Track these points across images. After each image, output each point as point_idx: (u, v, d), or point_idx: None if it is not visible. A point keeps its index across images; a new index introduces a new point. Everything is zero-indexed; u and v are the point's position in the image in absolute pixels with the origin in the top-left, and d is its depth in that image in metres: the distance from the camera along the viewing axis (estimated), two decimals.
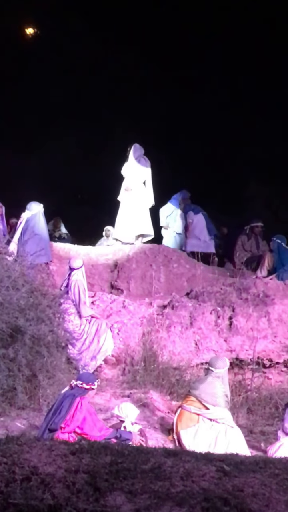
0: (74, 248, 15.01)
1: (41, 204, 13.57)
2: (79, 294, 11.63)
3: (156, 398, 10.77)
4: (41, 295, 10.56)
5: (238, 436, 9.41)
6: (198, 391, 9.53)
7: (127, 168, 15.66)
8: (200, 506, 5.17)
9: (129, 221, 15.43)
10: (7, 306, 9.48)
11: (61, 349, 10.59)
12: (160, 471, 5.61)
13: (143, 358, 11.53)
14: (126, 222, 15.44)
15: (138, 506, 5.13)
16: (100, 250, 15.14)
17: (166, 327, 12.06)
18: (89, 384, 8.43)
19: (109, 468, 5.57)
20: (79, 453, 5.80)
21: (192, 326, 12.11)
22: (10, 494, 5.17)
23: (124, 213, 15.46)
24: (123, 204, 15.55)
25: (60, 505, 5.11)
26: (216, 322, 12.17)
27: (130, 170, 15.64)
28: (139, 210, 15.50)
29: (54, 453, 5.72)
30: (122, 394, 10.88)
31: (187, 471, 5.64)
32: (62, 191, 20.85)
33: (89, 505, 5.12)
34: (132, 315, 12.36)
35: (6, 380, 9.14)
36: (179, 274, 14.46)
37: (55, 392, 9.57)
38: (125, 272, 14.29)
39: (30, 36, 26.09)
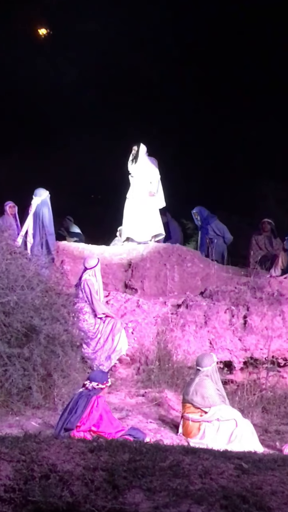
0: (88, 248, 15.01)
1: (46, 191, 13.95)
2: (90, 293, 11.64)
3: (170, 397, 10.76)
4: (56, 295, 10.56)
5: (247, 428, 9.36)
6: (190, 396, 9.46)
7: (138, 167, 15.60)
8: (218, 504, 5.16)
9: (143, 221, 15.39)
10: (22, 305, 9.48)
11: (76, 348, 10.59)
12: (179, 469, 5.60)
13: (157, 357, 11.51)
14: (140, 221, 15.40)
15: (156, 503, 5.13)
16: (114, 249, 15.13)
17: (180, 326, 12.04)
18: (104, 383, 8.45)
19: (127, 465, 5.57)
20: (97, 450, 5.80)
21: (206, 325, 12.08)
22: (29, 491, 5.18)
23: (137, 212, 15.40)
24: (135, 204, 15.47)
25: (79, 502, 5.11)
26: (231, 321, 12.13)
27: (141, 169, 15.59)
28: (152, 209, 15.48)
29: (72, 450, 5.73)
30: (136, 393, 10.87)
31: (205, 468, 5.63)
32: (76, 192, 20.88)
33: (108, 503, 5.12)
34: (146, 314, 12.35)
35: (21, 380, 9.15)
36: (193, 273, 14.44)
37: (70, 391, 9.58)
38: (139, 271, 14.28)
39: (42, 36, 26.11)
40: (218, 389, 9.64)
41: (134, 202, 15.46)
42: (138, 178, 15.57)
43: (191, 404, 9.44)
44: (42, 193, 14.04)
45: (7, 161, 22.65)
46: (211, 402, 9.40)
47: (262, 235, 16.46)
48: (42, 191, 14.08)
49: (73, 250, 14.80)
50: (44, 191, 14.07)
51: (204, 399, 9.39)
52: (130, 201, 15.53)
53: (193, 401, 9.41)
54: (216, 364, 9.93)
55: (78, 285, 11.87)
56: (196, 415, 9.40)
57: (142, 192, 15.47)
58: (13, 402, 9.22)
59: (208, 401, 9.39)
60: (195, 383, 9.54)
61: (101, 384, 8.40)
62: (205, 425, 9.32)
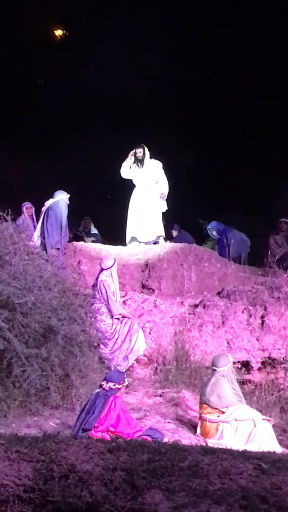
0: (105, 248, 15.01)
1: (67, 194, 14.06)
2: (106, 294, 11.64)
3: (188, 397, 10.75)
4: (73, 295, 10.57)
5: (266, 428, 9.33)
6: (206, 397, 9.45)
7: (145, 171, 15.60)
8: (238, 504, 5.15)
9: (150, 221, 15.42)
10: (40, 306, 9.49)
11: (93, 349, 10.59)
12: (198, 469, 5.60)
13: (175, 357, 11.50)
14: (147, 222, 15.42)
15: (176, 503, 5.12)
16: (131, 250, 15.11)
17: (197, 326, 12.02)
18: (121, 383, 8.45)
19: (147, 465, 5.57)
20: (116, 451, 5.80)
21: (224, 325, 12.05)
22: (48, 491, 5.19)
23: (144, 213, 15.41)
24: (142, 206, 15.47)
25: (98, 502, 5.12)
26: (248, 321, 12.10)
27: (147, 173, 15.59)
28: (158, 211, 15.54)
29: (91, 451, 5.73)
30: (154, 393, 10.86)
31: (224, 469, 5.62)
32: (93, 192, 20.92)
33: (127, 503, 5.12)
34: (163, 314, 12.34)
35: (39, 380, 9.15)
36: (210, 273, 14.41)
37: (87, 391, 9.58)
38: (156, 271, 14.26)
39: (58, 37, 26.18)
40: (234, 389, 9.62)
41: (141, 204, 15.46)
42: (145, 181, 15.54)
43: (208, 405, 9.43)
44: (57, 195, 14.14)
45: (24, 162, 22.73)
46: (228, 402, 9.38)
47: (280, 235, 16.50)
48: (58, 193, 14.17)
49: (90, 251, 14.81)
50: (60, 194, 14.15)
51: (221, 399, 9.37)
52: (135, 203, 15.53)
53: (210, 401, 9.40)
54: (232, 364, 9.90)
55: (95, 286, 11.88)
56: (214, 415, 9.38)
57: (150, 195, 15.47)
58: (31, 403, 9.24)
59: (224, 401, 9.37)
60: (211, 383, 9.52)
61: (117, 384, 8.40)
62: (223, 426, 9.30)
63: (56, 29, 26.07)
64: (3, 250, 9.71)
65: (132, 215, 15.51)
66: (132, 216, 15.50)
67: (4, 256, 9.62)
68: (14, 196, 17.94)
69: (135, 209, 15.50)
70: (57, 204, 13.95)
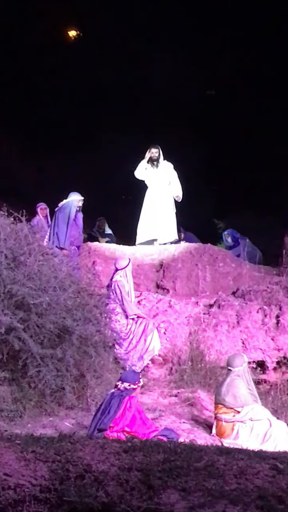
0: (120, 249, 15.03)
1: (80, 196, 14.08)
2: (121, 294, 11.65)
3: (203, 397, 10.73)
4: (88, 296, 10.57)
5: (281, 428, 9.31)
6: (222, 397, 9.43)
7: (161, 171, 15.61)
8: (254, 504, 5.14)
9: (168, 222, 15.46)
10: (55, 306, 9.49)
11: (108, 349, 10.58)
12: (213, 469, 5.59)
13: (190, 357, 11.48)
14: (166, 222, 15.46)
15: (192, 503, 5.11)
16: (145, 250, 15.11)
17: (212, 326, 12.00)
18: (136, 383, 8.44)
19: (162, 466, 5.57)
20: (131, 451, 5.80)
21: (239, 325, 12.03)
22: (64, 491, 5.19)
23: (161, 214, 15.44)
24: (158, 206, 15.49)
25: (114, 502, 5.12)
26: (263, 320, 12.07)
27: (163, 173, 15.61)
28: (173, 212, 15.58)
29: (107, 451, 5.74)
30: (169, 393, 10.85)
31: (240, 469, 5.62)
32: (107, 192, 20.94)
33: (143, 503, 5.12)
34: (178, 314, 12.33)
35: (54, 380, 9.15)
36: (225, 273, 14.40)
37: (103, 391, 9.58)
38: (170, 271, 14.26)
39: (72, 38, 26.22)
40: (249, 389, 9.60)
41: (156, 205, 15.47)
42: (159, 182, 15.55)
43: (223, 405, 9.42)
44: (70, 196, 14.16)
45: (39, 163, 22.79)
46: (243, 402, 9.36)
47: None
48: (71, 194, 14.20)
49: (104, 251, 14.82)
50: (73, 195, 14.17)
51: (236, 399, 9.36)
52: (150, 204, 15.53)
53: (225, 401, 9.39)
54: (247, 364, 9.89)
55: (109, 286, 11.89)
56: (229, 415, 9.37)
57: (165, 196, 15.50)
58: (46, 403, 9.24)
59: (240, 400, 9.36)
60: (226, 383, 9.51)
61: (133, 385, 8.39)
62: (239, 426, 9.28)
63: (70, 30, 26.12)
64: (18, 250, 9.71)
65: (146, 216, 15.50)
66: (147, 217, 15.49)
67: (19, 256, 9.62)
68: (29, 197, 18.01)
69: (150, 210, 15.49)
70: (67, 205, 13.97)
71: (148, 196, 15.67)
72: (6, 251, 9.52)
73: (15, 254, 9.63)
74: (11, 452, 5.62)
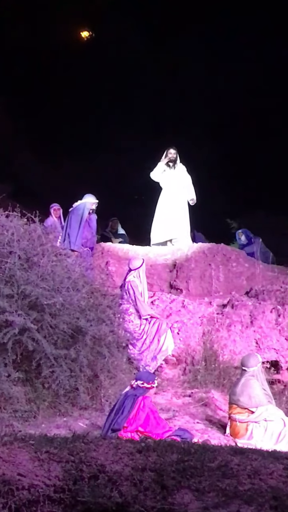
0: (133, 249, 15.03)
1: (94, 199, 14.12)
2: (134, 295, 11.66)
3: (217, 397, 10.72)
4: (101, 296, 10.59)
5: None
6: (236, 397, 9.43)
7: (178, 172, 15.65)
8: (268, 504, 5.12)
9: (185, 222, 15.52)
10: (68, 307, 9.51)
11: (122, 349, 10.59)
12: (227, 469, 5.57)
13: (203, 357, 11.48)
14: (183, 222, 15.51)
15: (206, 504, 5.10)
16: (158, 250, 15.12)
17: (226, 326, 11.99)
18: (150, 383, 8.43)
19: (176, 466, 5.55)
20: (145, 451, 5.80)
21: (252, 325, 12.02)
22: (78, 492, 5.19)
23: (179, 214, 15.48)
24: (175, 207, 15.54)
25: (128, 503, 5.11)
26: (277, 320, 12.05)
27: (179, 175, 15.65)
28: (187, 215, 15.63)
29: (120, 451, 5.73)
30: (183, 393, 10.85)
31: (254, 469, 5.60)
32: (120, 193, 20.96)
33: (157, 503, 5.11)
34: (191, 314, 12.32)
35: (68, 381, 9.17)
36: (238, 273, 14.38)
37: (116, 392, 9.59)
38: (184, 271, 14.25)
39: (85, 39, 26.25)
40: (264, 389, 9.59)
41: (173, 206, 15.50)
42: (176, 184, 15.59)
43: (237, 405, 9.41)
44: (84, 197, 14.23)
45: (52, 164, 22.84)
46: (258, 402, 9.35)
47: None
48: (86, 196, 14.25)
49: (118, 251, 14.83)
50: (88, 197, 14.23)
51: (251, 399, 9.35)
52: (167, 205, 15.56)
53: (239, 401, 9.38)
54: (261, 364, 9.88)
55: (123, 287, 11.90)
56: (243, 415, 9.36)
57: (181, 198, 15.56)
58: (60, 403, 9.26)
59: (254, 400, 9.35)
60: (241, 384, 9.50)
61: (146, 383, 8.39)
62: (253, 426, 9.27)
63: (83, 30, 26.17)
64: (32, 251, 9.74)
65: (162, 216, 15.53)
66: (162, 217, 15.52)
67: (32, 257, 9.65)
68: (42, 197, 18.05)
69: (166, 210, 15.53)
70: (81, 207, 13.99)
71: (164, 196, 15.69)
72: (19, 252, 9.54)
73: (28, 255, 9.65)
74: (25, 452, 5.62)
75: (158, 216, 15.59)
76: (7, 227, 9.94)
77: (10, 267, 9.28)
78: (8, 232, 9.80)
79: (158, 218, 15.58)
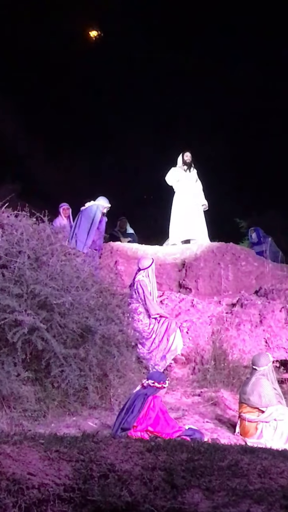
0: (142, 248, 15.04)
1: (108, 203, 13.97)
2: (143, 294, 11.66)
3: (227, 396, 10.71)
4: (110, 295, 10.59)
5: None
6: (247, 396, 9.41)
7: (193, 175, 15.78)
8: (279, 503, 5.11)
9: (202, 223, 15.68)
10: (77, 306, 9.51)
11: (131, 349, 10.60)
12: (237, 468, 5.57)
13: (213, 356, 11.46)
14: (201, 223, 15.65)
15: (216, 503, 5.10)
16: (167, 249, 15.14)
17: (235, 325, 11.98)
18: (161, 383, 8.42)
19: (186, 465, 5.55)
20: (155, 450, 5.79)
21: (261, 324, 12.00)
22: (88, 491, 5.20)
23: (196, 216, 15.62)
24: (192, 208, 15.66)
25: (138, 502, 5.11)
26: (286, 319, 12.03)
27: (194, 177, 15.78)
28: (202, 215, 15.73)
29: (130, 450, 5.73)
30: (192, 393, 10.84)
31: (264, 468, 5.59)
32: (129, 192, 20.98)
33: (167, 502, 5.11)
34: (201, 314, 12.32)
35: (77, 380, 9.17)
36: (247, 272, 14.37)
37: (126, 391, 9.60)
38: (193, 271, 14.25)
39: (94, 38, 26.27)
40: (275, 388, 9.57)
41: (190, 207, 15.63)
42: (192, 185, 15.73)
43: (247, 404, 9.39)
44: (98, 199, 14.06)
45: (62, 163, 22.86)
46: (268, 402, 9.33)
47: None
48: (99, 198, 14.10)
49: (127, 251, 14.84)
50: (101, 199, 14.06)
51: (261, 398, 9.33)
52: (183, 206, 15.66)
53: (250, 400, 9.36)
54: (272, 363, 9.86)
55: (132, 286, 11.90)
56: (253, 415, 9.34)
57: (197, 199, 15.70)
58: (70, 403, 9.26)
59: (264, 400, 9.33)
60: (251, 383, 9.48)
61: (157, 383, 8.38)
62: (263, 425, 9.26)
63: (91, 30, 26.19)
64: (41, 251, 9.74)
65: (180, 217, 15.66)
66: (180, 218, 15.66)
67: (41, 257, 9.65)
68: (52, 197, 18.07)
69: (184, 211, 15.66)
70: (93, 209, 13.85)
71: (180, 198, 15.84)
72: (28, 252, 9.55)
73: (37, 254, 9.66)
74: (35, 451, 5.63)
75: (176, 217, 15.70)
76: (16, 227, 9.95)
77: (20, 267, 9.28)
78: (17, 231, 9.81)
79: (176, 219, 15.69)
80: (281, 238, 18.04)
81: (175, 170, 15.92)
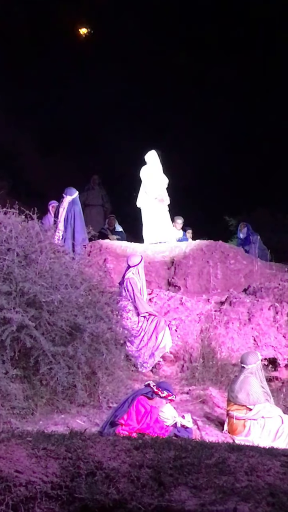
0: (131, 246, 15.04)
1: (77, 191, 14.48)
2: (133, 292, 11.67)
3: (215, 394, 10.73)
4: (99, 293, 10.57)
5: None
6: (234, 394, 9.44)
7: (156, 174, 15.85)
8: (265, 501, 5.13)
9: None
10: (66, 304, 9.49)
11: (120, 346, 10.58)
12: (224, 466, 5.59)
13: (201, 354, 11.47)
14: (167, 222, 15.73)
15: (203, 501, 5.11)
16: (156, 247, 15.14)
17: (224, 323, 12.00)
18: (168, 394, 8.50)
19: (173, 463, 5.57)
20: (142, 448, 5.81)
21: (250, 322, 12.02)
22: (75, 488, 5.20)
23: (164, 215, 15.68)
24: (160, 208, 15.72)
25: (125, 499, 5.12)
26: (275, 318, 12.06)
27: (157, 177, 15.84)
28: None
29: (118, 448, 5.75)
30: (181, 390, 10.85)
31: (251, 466, 5.61)
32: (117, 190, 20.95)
33: (154, 500, 5.12)
34: (189, 311, 12.33)
35: (66, 378, 9.16)
36: (236, 270, 14.38)
37: (114, 389, 9.62)
38: (182, 269, 14.25)
39: (83, 36, 26.22)
40: (263, 387, 9.61)
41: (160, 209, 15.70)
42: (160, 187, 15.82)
43: (235, 402, 9.42)
44: (73, 192, 14.33)
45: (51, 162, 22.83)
46: (256, 399, 9.36)
47: None
48: (73, 190, 14.39)
49: (116, 249, 14.83)
50: (74, 191, 14.39)
51: (249, 396, 9.35)
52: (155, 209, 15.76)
53: (238, 398, 9.39)
54: (260, 362, 9.88)
55: (121, 284, 11.90)
56: (241, 412, 9.37)
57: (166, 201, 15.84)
58: (58, 400, 9.25)
59: (252, 398, 9.36)
60: (239, 381, 9.51)
61: (160, 392, 8.45)
62: (251, 423, 9.29)
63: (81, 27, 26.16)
64: (30, 248, 9.72)
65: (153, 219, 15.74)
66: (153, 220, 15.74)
67: (30, 254, 9.63)
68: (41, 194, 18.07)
69: (156, 213, 15.75)
70: (77, 201, 14.17)
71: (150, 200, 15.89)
72: (17, 249, 9.53)
73: (26, 252, 9.64)
74: (23, 449, 5.64)
75: (148, 219, 15.75)
76: (5, 224, 9.93)
77: (8, 264, 9.26)
78: (6, 229, 9.79)
79: (149, 221, 15.74)
80: (270, 236, 18.07)
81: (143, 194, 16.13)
